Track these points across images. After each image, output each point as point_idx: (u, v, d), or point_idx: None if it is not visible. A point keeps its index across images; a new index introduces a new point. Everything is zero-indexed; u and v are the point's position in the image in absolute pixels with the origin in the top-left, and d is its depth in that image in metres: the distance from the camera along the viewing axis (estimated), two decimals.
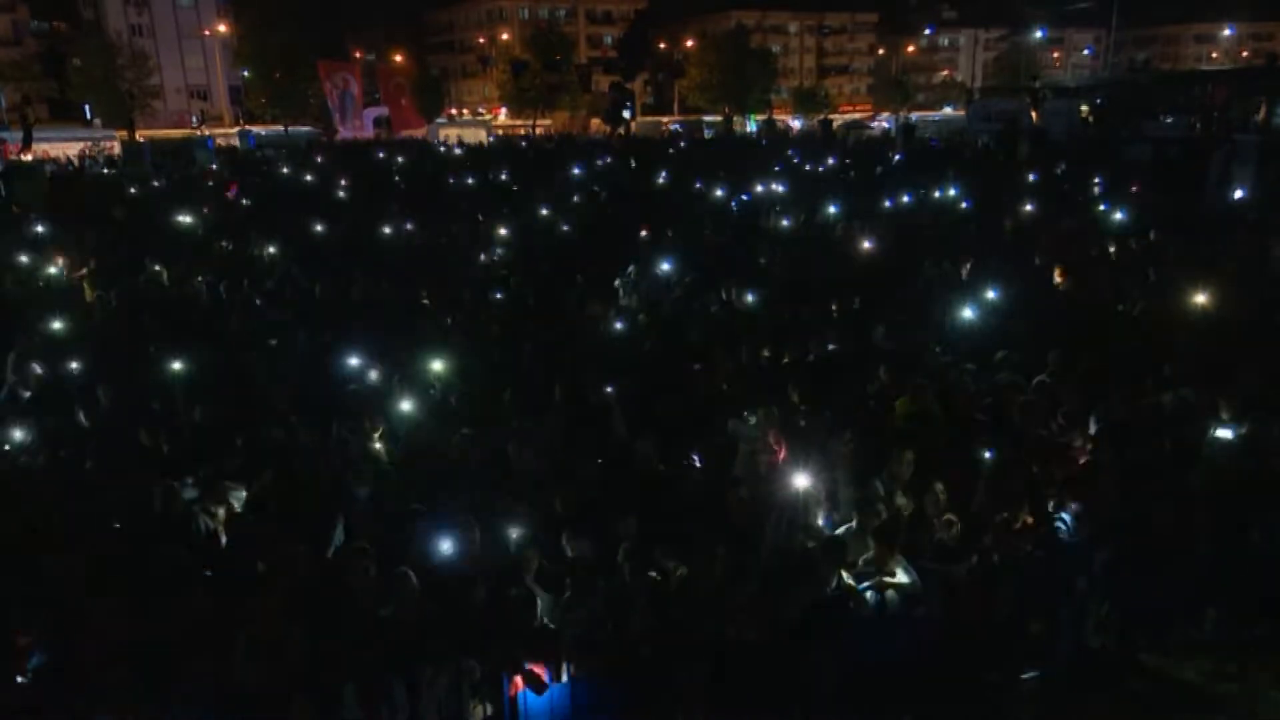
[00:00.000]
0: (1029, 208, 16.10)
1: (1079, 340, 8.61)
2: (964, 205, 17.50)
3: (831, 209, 17.08)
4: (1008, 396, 7.47)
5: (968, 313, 9.42)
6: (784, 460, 6.72)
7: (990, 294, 10.34)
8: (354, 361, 8.57)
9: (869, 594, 5.59)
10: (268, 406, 7.81)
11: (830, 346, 8.90)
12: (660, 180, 23.05)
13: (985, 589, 5.86)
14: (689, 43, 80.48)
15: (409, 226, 16.20)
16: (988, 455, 6.54)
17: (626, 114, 58.83)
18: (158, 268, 13.21)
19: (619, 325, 9.89)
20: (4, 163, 31.28)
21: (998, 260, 12.03)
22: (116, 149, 45.06)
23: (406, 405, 7.50)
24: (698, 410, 7.61)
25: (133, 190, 23.79)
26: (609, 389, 7.58)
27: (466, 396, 8.00)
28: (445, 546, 5.45)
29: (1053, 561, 6.11)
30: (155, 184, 25.70)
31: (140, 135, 47.84)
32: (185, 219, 16.68)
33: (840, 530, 6.10)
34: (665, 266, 12.06)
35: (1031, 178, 21.05)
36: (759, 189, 20.84)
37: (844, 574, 5.61)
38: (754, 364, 8.64)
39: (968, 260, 12.12)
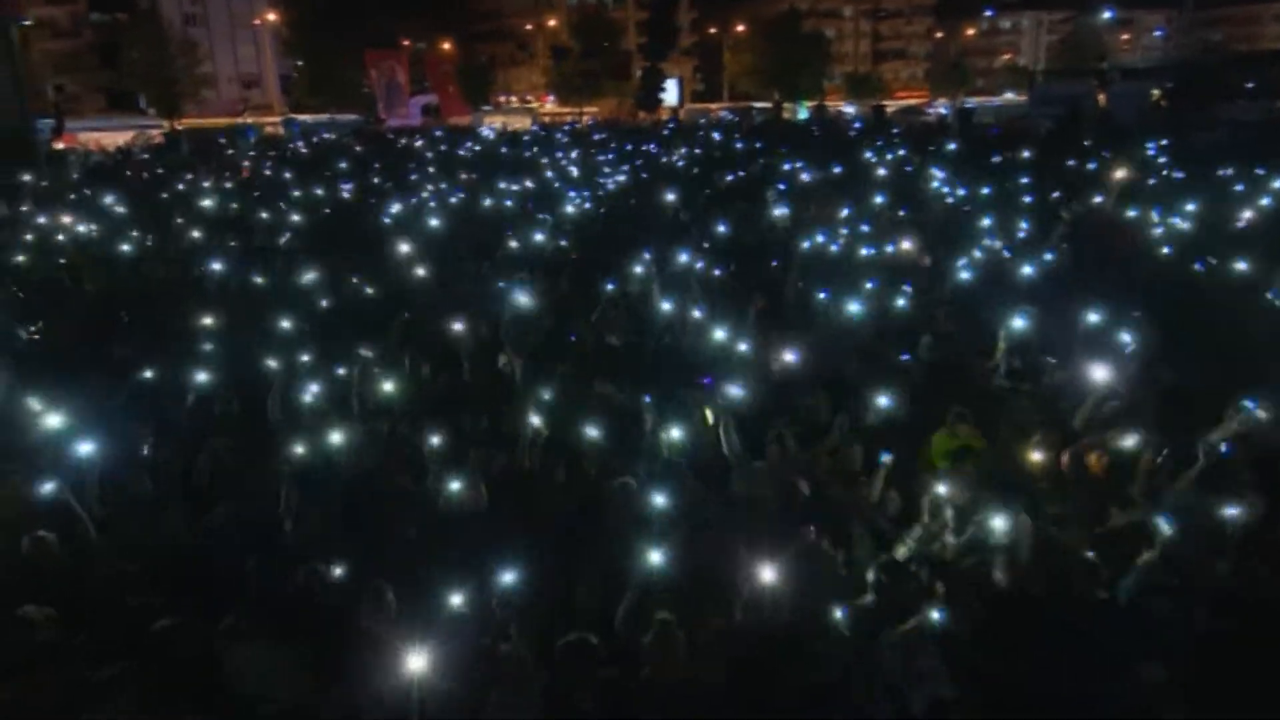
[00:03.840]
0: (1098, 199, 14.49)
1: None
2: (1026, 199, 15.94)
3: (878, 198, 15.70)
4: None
5: (1023, 322, 8.00)
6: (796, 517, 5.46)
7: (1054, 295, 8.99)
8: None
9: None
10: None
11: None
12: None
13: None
14: (739, 27, 78.69)
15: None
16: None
17: (672, 99, 57.66)
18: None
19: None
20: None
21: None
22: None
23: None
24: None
25: (145, 174, 23.59)
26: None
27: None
28: None
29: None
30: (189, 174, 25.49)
31: (180, 124, 48.18)
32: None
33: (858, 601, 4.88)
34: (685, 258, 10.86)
35: (1092, 165, 19.35)
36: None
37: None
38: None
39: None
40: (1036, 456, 5.92)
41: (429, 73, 68.60)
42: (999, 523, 4.89)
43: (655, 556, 4.53)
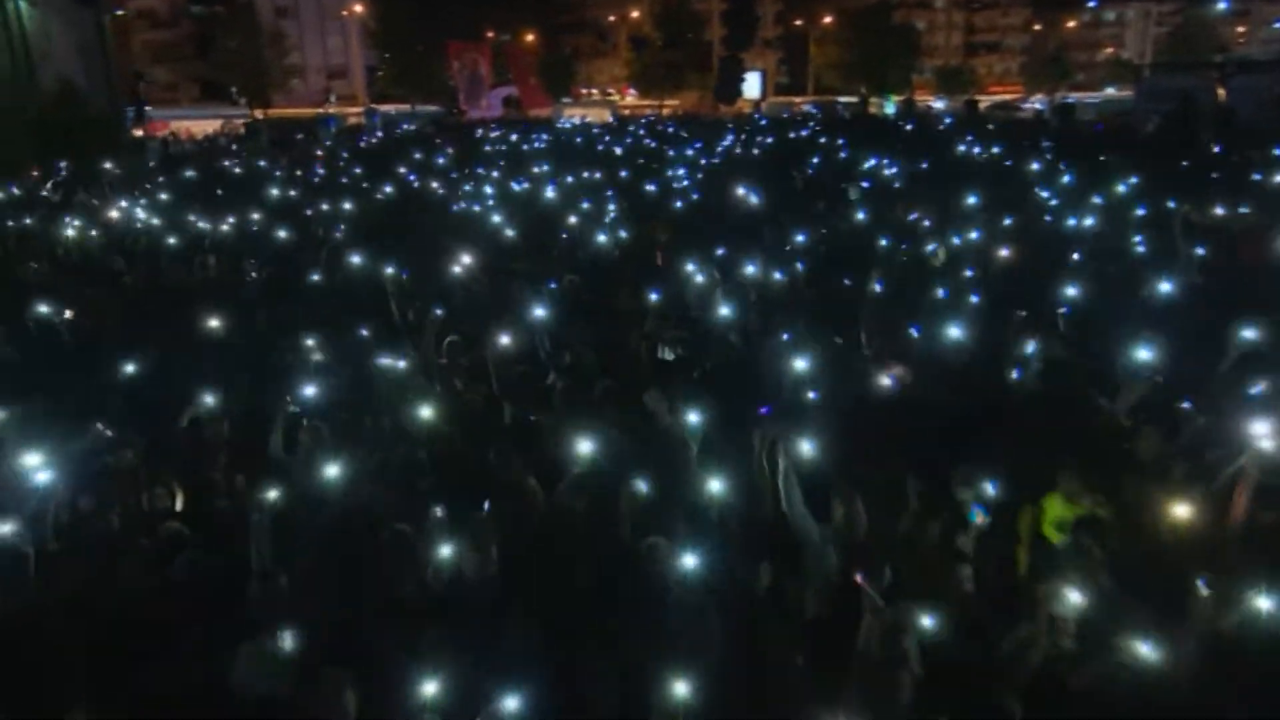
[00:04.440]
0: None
1: None
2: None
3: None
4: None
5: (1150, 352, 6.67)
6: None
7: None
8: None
9: None
10: None
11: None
12: None
13: None
14: (826, 19, 76.53)
15: None
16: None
17: (753, 91, 56.45)
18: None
19: None
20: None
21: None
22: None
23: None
24: None
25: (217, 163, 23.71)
26: None
27: None
28: None
29: None
30: (263, 162, 25.41)
31: (261, 113, 49.34)
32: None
33: None
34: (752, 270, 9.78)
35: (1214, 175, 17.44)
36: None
37: None
38: None
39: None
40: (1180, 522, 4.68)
41: (511, 64, 68.94)
42: (1149, 650, 3.69)
43: (683, 688, 3.53)
